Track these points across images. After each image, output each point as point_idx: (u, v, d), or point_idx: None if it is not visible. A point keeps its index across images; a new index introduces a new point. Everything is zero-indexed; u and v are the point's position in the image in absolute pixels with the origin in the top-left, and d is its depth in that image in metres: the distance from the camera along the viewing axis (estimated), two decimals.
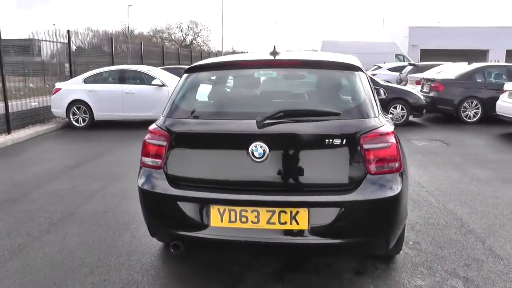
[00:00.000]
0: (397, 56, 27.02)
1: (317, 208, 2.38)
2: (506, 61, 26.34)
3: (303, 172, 2.43)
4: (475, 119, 9.75)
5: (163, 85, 9.64)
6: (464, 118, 9.79)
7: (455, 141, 7.79)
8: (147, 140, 2.67)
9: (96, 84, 9.56)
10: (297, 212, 2.38)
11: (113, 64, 12.83)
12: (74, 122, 9.53)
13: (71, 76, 11.01)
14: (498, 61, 26.67)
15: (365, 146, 2.42)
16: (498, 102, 8.18)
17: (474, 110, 9.77)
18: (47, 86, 11.73)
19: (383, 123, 2.55)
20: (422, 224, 3.81)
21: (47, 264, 3.11)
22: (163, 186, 2.53)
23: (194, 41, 52.45)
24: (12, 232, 3.72)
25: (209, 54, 33.09)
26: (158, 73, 10.16)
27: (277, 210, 2.38)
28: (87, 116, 9.44)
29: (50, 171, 5.85)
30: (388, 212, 2.48)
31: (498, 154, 6.68)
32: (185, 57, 23.14)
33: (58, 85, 9.81)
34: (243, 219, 2.40)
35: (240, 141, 2.42)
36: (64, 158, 6.70)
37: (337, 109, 2.50)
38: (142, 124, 10.11)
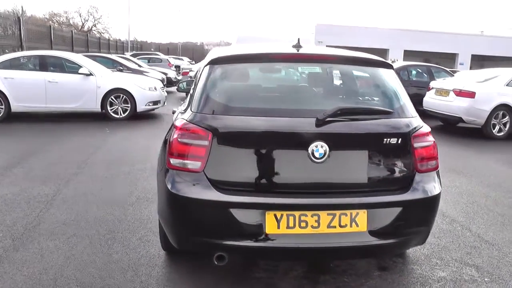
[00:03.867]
0: None
1: (376, 209, 2.32)
2: (403, 60, 29.11)
3: (361, 172, 2.35)
4: None
5: (91, 74, 8.76)
6: None
7: None
8: (179, 139, 2.32)
9: (13, 70, 8.29)
10: (357, 214, 2.29)
11: (22, 48, 11.27)
12: None
13: None
14: (397, 60, 29.42)
15: (415, 145, 2.43)
16: (425, 99, 8.99)
17: None
18: None
19: (422, 123, 2.59)
20: None
21: None
22: (209, 192, 2.22)
23: (94, 28, 48.78)
24: None
25: (116, 42, 31.03)
26: (85, 61, 9.19)
27: (338, 212, 2.26)
28: (3, 107, 8.16)
29: None
30: (433, 209, 2.52)
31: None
32: (94, 44, 21.34)
33: None
34: (303, 224, 2.23)
35: (299, 141, 2.24)
36: None
37: (387, 107, 2.47)
38: (67, 117, 9.13)
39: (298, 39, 2.80)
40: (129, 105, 9.08)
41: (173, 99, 13.48)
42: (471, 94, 7.99)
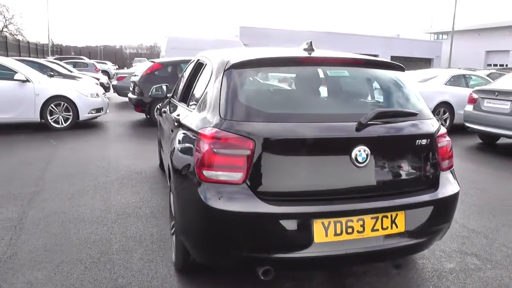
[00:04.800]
0: None
1: (412, 210, 2.35)
2: None
3: (399, 174, 2.38)
4: None
5: (27, 80, 7.97)
6: None
7: None
8: (216, 150, 2.14)
9: None
10: (396, 215, 2.30)
11: None
12: None
13: None
14: None
15: (439, 145, 2.51)
16: None
17: None
18: None
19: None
20: None
21: None
22: (255, 204, 2.08)
23: (5, 29, 44.55)
24: None
25: (36, 45, 28.64)
26: (18, 65, 8.30)
27: (380, 215, 2.25)
28: None
29: None
30: (456, 205, 2.62)
31: None
32: (13, 47, 19.43)
33: None
34: (349, 230, 2.19)
35: (342, 146, 2.21)
36: None
37: (412, 109, 2.52)
38: (1, 129, 8.15)
39: (311, 42, 2.76)
40: (71, 114, 8.40)
41: (111, 106, 12.73)
42: None
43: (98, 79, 15.61)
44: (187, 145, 2.51)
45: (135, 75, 10.60)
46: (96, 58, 46.32)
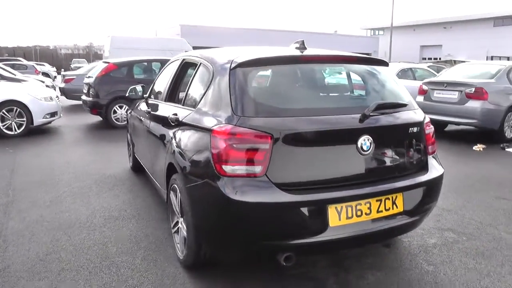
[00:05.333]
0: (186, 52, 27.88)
1: (409, 191, 2.59)
2: None
3: (396, 159, 2.62)
4: None
5: None
6: None
7: None
8: (234, 145, 2.24)
9: None
10: (396, 197, 2.53)
11: None
12: None
13: None
14: None
15: (426, 131, 2.79)
16: None
17: None
18: None
19: None
20: None
21: None
22: (278, 195, 2.21)
23: None
24: None
25: None
26: None
27: (383, 198, 2.47)
28: None
29: None
30: (441, 185, 2.91)
31: None
32: None
33: None
34: (358, 213, 2.39)
35: (349, 136, 2.41)
36: None
37: (403, 101, 2.77)
38: None
39: (303, 41, 2.92)
40: (24, 119, 7.97)
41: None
42: None
43: (43, 81, 14.84)
44: (196, 142, 2.57)
45: (89, 77, 10.23)
46: (31, 60, 43.83)
